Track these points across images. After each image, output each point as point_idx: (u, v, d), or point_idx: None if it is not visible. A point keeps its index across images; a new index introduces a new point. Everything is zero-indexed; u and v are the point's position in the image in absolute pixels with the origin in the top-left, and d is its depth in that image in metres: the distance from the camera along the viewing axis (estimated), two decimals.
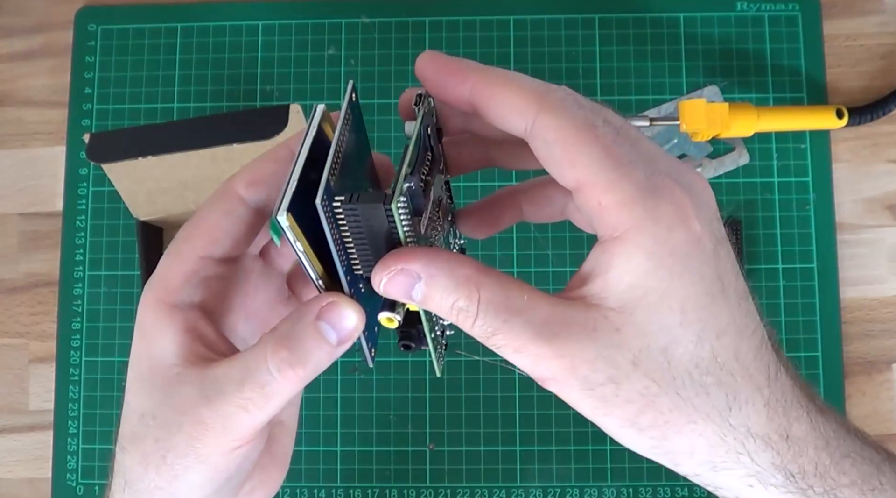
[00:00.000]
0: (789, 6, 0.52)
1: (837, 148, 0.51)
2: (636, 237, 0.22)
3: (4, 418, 0.51)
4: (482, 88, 0.24)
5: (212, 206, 0.26)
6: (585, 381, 0.22)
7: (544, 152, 0.23)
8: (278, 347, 0.23)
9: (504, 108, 0.24)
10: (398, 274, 0.23)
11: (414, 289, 0.23)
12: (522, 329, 0.22)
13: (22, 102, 0.53)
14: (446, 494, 0.49)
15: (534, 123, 0.23)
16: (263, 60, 0.53)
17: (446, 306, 0.23)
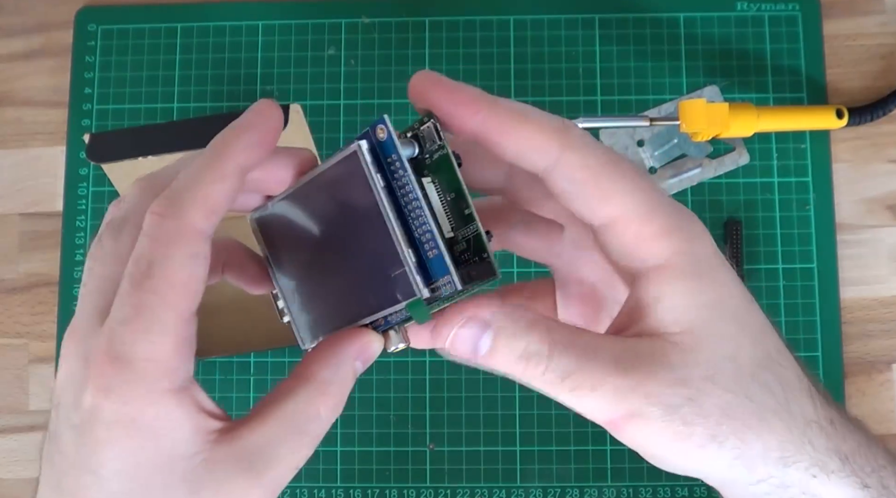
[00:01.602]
0: (789, 6, 0.52)
1: (837, 148, 0.51)
2: (680, 262, 0.22)
3: (4, 418, 0.51)
4: (496, 124, 0.23)
5: (174, 255, 0.21)
6: (667, 408, 0.22)
7: (570, 190, 0.23)
8: (327, 398, 0.23)
9: (522, 146, 0.23)
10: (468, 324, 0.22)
11: (482, 339, 0.22)
12: (599, 366, 0.22)
13: (22, 102, 0.53)
14: (446, 494, 0.49)
15: (557, 162, 0.23)
16: (263, 60, 0.53)
17: (516, 353, 0.22)
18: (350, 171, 0.22)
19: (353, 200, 0.22)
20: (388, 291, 0.22)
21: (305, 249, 0.24)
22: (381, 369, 0.49)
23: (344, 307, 0.24)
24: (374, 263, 0.22)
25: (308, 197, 0.24)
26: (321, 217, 0.23)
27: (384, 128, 0.22)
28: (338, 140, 0.51)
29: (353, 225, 0.23)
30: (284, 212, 0.24)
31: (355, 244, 0.23)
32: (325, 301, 0.24)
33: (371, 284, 0.23)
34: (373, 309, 0.23)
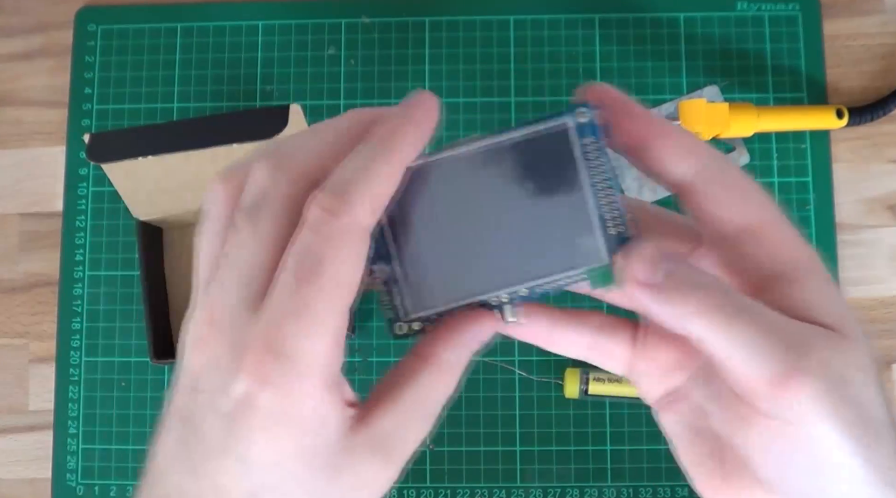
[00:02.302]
0: (789, 6, 0.52)
1: (837, 148, 0.51)
2: (820, 268, 0.24)
3: (4, 418, 0.51)
4: (655, 127, 0.24)
5: (343, 255, 0.21)
6: (836, 377, 0.22)
7: (717, 193, 0.24)
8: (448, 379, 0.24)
9: (676, 148, 0.24)
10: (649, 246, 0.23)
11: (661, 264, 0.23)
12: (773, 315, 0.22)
13: (22, 102, 0.53)
14: (446, 494, 0.49)
15: (706, 167, 0.24)
16: (263, 60, 0.53)
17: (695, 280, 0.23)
18: (549, 142, 0.24)
19: (541, 171, 0.24)
20: (566, 257, 0.24)
21: (449, 212, 0.24)
22: (382, 369, 0.49)
23: (518, 263, 0.24)
24: (560, 227, 0.24)
25: (474, 162, 0.24)
26: (484, 183, 0.24)
27: (587, 113, 0.24)
28: None
29: (537, 194, 0.24)
30: (432, 174, 0.24)
31: (545, 207, 0.24)
32: (482, 259, 0.24)
33: (550, 248, 0.24)
34: (550, 269, 0.24)
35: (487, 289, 0.24)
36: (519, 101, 0.51)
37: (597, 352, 0.27)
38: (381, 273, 0.24)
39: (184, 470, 0.22)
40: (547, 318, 0.26)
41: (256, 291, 0.22)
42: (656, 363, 0.26)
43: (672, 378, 0.26)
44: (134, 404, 0.50)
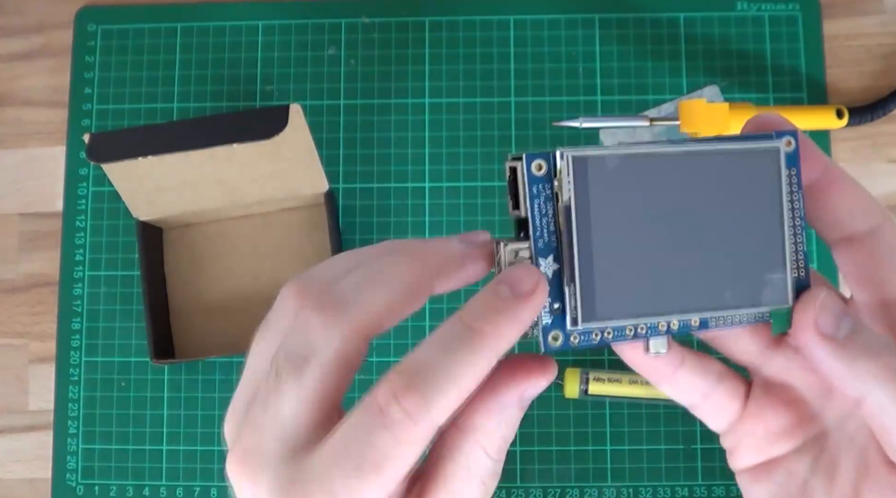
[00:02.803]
0: (789, 6, 0.52)
1: (837, 148, 0.51)
2: None
3: (4, 418, 0.51)
4: (837, 176, 0.23)
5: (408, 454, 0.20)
6: None
7: (887, 254, 0.23)
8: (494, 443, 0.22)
9: (856, 202, 0.23)
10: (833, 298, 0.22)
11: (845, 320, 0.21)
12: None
13: (22, 102, 0.53)
14: None
15: (882, 224, 0.23)
16: (263, 60, 0.53)
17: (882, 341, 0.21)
18: (754, 163, 0.22)
19: (745, 190, 0.22)
20: (751, 292, 0.22)
21: (635, 214, 0.22)
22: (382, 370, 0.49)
23: (689, 288, 0.22)
24: (741, 260, 0.22)
25: (677, 167, 0.22)
26: (684, 194, 0.22)
27: (793, 142, 0.22)
28: (338, 140, 0.51)
29: (728, 216, 0.22)
30: (628, 169, 0.21)
31: (728, 231, 0.22)
32: (645, 281, 0.22)
33: (729, 279, 0.22)
34: (728, 302, 0.22)
35: (666, 311, 0.22)
36: (519, 101, 0.51)
37: (710, 402, 0.25)
38: (549, 269, 0.22)
39: None
40: (680, 355, 0.24)
41: (296, 445, 0.20)
42: (765, 426, 0.25)
43: (776, 446, 0.25)
44: (134, 404, 0.50)
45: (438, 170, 0.51)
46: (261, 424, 0.21)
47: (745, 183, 0.22)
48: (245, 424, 0.21)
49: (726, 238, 0.22)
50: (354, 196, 0.51)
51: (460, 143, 0.51)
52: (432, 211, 0.51)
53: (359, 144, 0.52)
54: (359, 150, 0.52)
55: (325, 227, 0.50)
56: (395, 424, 0.20)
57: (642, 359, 0.23)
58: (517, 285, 0.20)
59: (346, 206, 0.51)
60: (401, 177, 0.51)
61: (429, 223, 0.51)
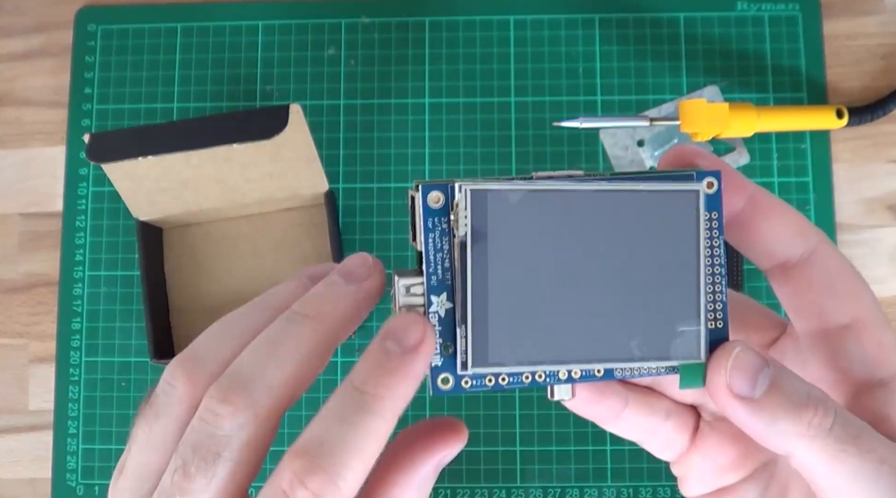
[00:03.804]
0: (789, 6, 0.52)
1: (837, 148, 0.51)
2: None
3: (4, 418, 0.51)
4: (764, 203, 0.22)
5: None
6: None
7: (823, 279, 0.22)
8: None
9: (786, 227, 0.22)
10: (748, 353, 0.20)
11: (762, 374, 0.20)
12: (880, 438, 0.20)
13: (22, 102, 0.53)
14: (446, 494, 0.49)
15: (814, 251, 0.22)
16: (263, 60, 0.53)
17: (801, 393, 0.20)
18: (672, 206, 0.20)
19: (662, 234, 0.21)
20: (659, 345, 0.21)
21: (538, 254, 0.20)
22: None
23: (599, 339, 0.20)
24: (658, 307, 0.21)
25: (585, 207, 0.20)
26: (591, 236, 0.20)
27: (716, 183, 0.21)
28: (338, 140, 0.51)
29: (648, 259, 0.21)
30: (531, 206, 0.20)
31: (641, 279, 0.20)
32: (544, 327, 0.20)
33: (641, 329, 0.21)
34: (636, 355, 0.21)
35: (565, 359, 0.20)
36: (519, 101, 0.51)
37: (657, 439, 0.25)
38: (441, 308, 0.20)
39: None
40: (620, 398, 0.24)
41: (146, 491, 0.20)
42: (713, 460, 0.24)
43: (726, 476, 0.24)
44: (134, 404, 0.50)
45: (438, 170, 0.51)
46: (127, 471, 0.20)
47: (661, 226, 0.20)
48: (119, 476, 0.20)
49: (637, 285, 0.20)
50: (354, 196, 0.51)
51: (460, 143, 0.51)
52: None
53: (359, 144, 0.52)
54: (359, 150, 0.52)
55: (325, 227, 0.50)
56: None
57: (580, 407, 0.23)
58: (403, 339, 0.19)
59: (346, 206, 0.51)
60: (401, 177, 0.51)
61: None
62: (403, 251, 0.50)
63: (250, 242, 0.51)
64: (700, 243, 0.21)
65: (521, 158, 0.51)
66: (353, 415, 0.19)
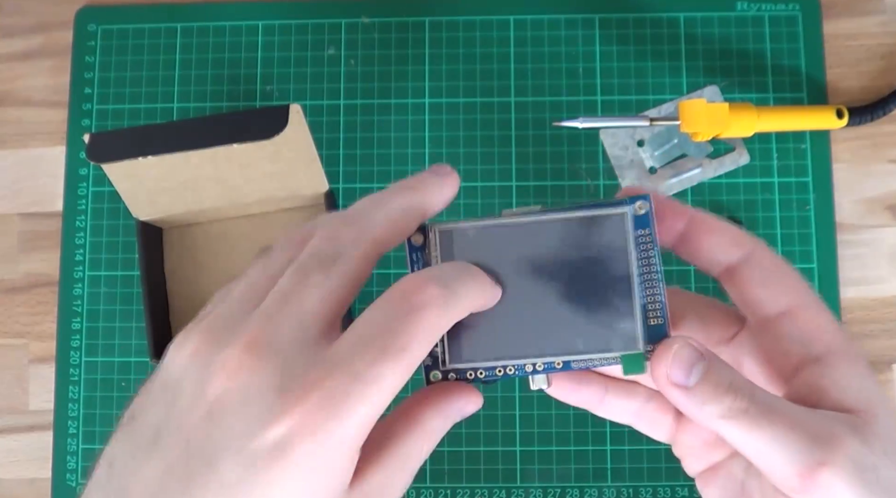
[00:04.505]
0: (789, 6, 0.52)
1: (837, 148, 0.51)
2: (850, 353, 0.25)
3: (4, 418, 0.51)
4: (702, 222, 0.26)
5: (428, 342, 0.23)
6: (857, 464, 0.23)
7: (759, 276, 0.26)
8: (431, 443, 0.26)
9: (723, 238, 0.26)
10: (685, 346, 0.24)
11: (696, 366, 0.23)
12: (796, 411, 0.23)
13: (22, 102, 0.53)
14: (446, 494, 0.49)
15: (751, 254, 0.26)
16: (263, 60, 0.53)
17: (726, 381, 0.23)
18: (608, 227, 0.25)
19: (601, 251, 0.25)
20: (602, 339, 0.25)
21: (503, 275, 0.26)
22: None
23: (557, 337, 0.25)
24: (601, 309, 0.25)
25: (531, 234, 0.26)
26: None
27: (646, 206, 0.25)
28: (338, 140, 0.51)
29: (593, 272, 0.25)
30: (487, 237, 0.26)
31: (588, 288, 0.25)
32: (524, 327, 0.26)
33: (588, 328, 0.25)
34: (585, 348, 0.25)
35: (526, 355, 0.25)
36: (519, 101, 0.51)
37: (644, 420, 0.28)
38: None
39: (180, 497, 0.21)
40: (600, 386, 0.27)
41: (315, 336, 0.22)
42: (699, 437, 0.27)
43: (714, 453, 0.27)
44: None
45: None
46: (276, 317, 0.22)
47: (601, 244, 0.25)
48: (248, 320, 0.22)
49: (582, 293, 0.25)
50: (354, 196, 0.51)
51: (460, 143, 0.51)
52: None
53: (359, 144, 0.52)
54: (359, 151, 0.52)
55: None
56: (422, 307, 0.22)
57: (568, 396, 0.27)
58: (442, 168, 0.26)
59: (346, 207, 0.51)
60: (401, 177, 0.51)
61: None
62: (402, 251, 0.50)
63: (250, 242, 0.51)
64: (632, 255, 0.25)
65: (520, 158, 0.51)
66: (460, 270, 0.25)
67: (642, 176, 0.51)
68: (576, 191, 0.51)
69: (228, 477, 0.21)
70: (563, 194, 0.50)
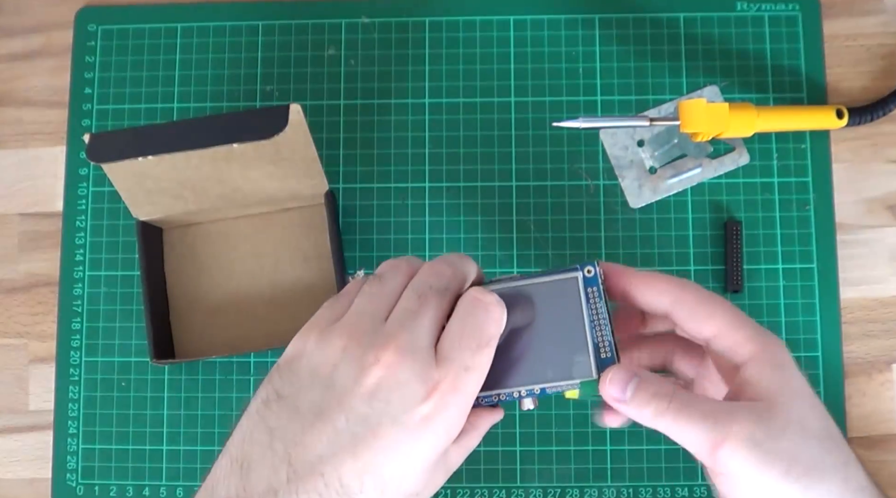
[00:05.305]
0: (789, 6, 0.52)
1: (837, 148, 0.51)
2: (762, 356, 0.32)
3: (4, 418, 0.51)
4: (639, 281, 0.34)
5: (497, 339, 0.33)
6: (752, 437, 0.30)
7: (687, 314, 0.33)
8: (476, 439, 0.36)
9: (653, 290, 0.34)
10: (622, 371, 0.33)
11: (630, 383, 0.32)
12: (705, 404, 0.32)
13: (22, 102, 0.53)
14: (446, 494, 0.49)
15: (676, 298, 0.34)
16: (263, 60, 0.53)
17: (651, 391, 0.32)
18: (565, 287, 0.34)
19: (561, 305, 0.34)
20: (566, 370, 0.34)
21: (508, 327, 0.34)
22: None
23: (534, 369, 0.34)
24: (564, 347, 0.34)
25: (522, 294, 0.34)
26: (536, 306, 0.34)
27: (593, 270, 0.34)
28: (338, 140, 0.52)
29: (556, 320, 0.34)
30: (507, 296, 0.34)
31: (554, 332, 0.34)
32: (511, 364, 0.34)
33: (555, 361, 0.34)
34: (554, 377, 0.34)
35: (513, 385, 0.34)
36: (519, 101, 0.51)
37: None
38: None
39: (348, 453, 0.30)
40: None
41: (431, 341, 0.32)
42: None
43: None
44: (134, 404, 0.50)
45: (438, 170, 0.51)
46: (410, 328, 0.31)
47: (561, 300, 0.34)
48: (386, 329, 0.31)
49: (548, 337, 0.34)
50: (354, 196, 0.51)
51: (460, 143, 0.51)
52: (432, 211, 0.51)
53: (359, 144, 0.52)
54: (359, 151, 0.52)
55: (325, 227, 0.50)
56: (491, 304, 0.32)
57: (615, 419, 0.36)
58: None
59: (346, 206, 0.51)
60: (401, 177, 0.51)
61: (429, 223, 0.51)
62: (403, 252, 0.50)
63: (250, 242, 0.51)
64: (584, 307, 0.34)
65: (520, 158, 0.51)
66: None
67: (642, 176, 0.51)
68: (576, 191, 0.51)
69: (387, 439, 0.30)
70: (563, 194, 0.50)
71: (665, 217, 0.50)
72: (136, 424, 0.50)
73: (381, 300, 0.33)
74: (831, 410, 0.32)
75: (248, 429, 0.32)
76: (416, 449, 0.31)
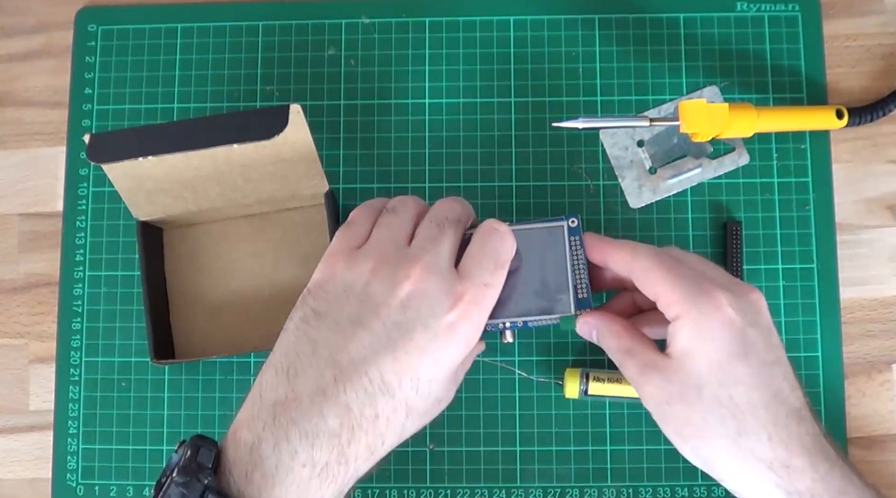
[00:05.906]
0: (789, 6, 0.52)
1: (837, 148, 0.51)
2: (685, 319, 0.37)
3: (4, 418, 0.51)
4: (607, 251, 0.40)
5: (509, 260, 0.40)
6: (653, 396, 0.37)
7: (638, 279, 0.39)
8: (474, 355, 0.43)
9: (616, 261, 0.40)
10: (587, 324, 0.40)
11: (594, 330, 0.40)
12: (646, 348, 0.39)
13: (22, 102, 0.53)
14: (446, 494, 0.49)
15: (631, 266, 0.39)
16: (263, 60, 0.53)
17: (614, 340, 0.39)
18: (552, 234, 0.41)
19: (547, 250, 0.40)
20: (550, 305, 0.40)
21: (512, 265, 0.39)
22: None
23: (519, 305, 0.40)
24: (547, 287, 0.40)
25: (520, 236, 0.40)
26: (524, 251, 0.40)
27: (576, 221, 0.41)
28: (338, 140, 0.52)
29: (542, 263, 0.40)
30: None
31: (538, 273, 0.40)
32: (509, 297, 0.39)
33: (538, 299, 0.40)
34: (537, 312, 0.40)
35: (504, 317, 0.40)
36: (519, 101, 0.51)
37: None
38: None
39: (387, 354, 0.35)
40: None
41: (451, 263, 0.37)
42: None
43: None
44: (134, 404, 0.50)
45: (438, 170, 0.51)
46: (433, 250, 0.37)
47: (548, 245, 0.40)
48: (412, 252, 0.37)
49: (538, 276, 0.40)
50: (354, 196, 0.51)
51: (460, 143, 0.51)
52: None
53: (359, 144, 0.52)
54: (359, 151, 0.52)
55: (325, 227, 0.50)
56: (506, 231, 0.39)
57: None
58: None
59: (346, 207, 0.51)
60: (401, 177, 0.51)
61: None
62: None
63: (250, 242, 0.51)
64: (567, 252, 0.40)
65: (520, 159, 0.51)
66: None
67: (642, 176, 0.51)
68: (576, 191, 0.51)
69: (420, 342, 0.35)
70: (563, 194, 0.50)
71: (665, 217, 0.50)
72: (136, 424, 0.50)
73: (400, 229, 0.38)
74: (831, 410, 0.32)
75: (291, 343, 0.35)
76: (444, 353, 0.36)
